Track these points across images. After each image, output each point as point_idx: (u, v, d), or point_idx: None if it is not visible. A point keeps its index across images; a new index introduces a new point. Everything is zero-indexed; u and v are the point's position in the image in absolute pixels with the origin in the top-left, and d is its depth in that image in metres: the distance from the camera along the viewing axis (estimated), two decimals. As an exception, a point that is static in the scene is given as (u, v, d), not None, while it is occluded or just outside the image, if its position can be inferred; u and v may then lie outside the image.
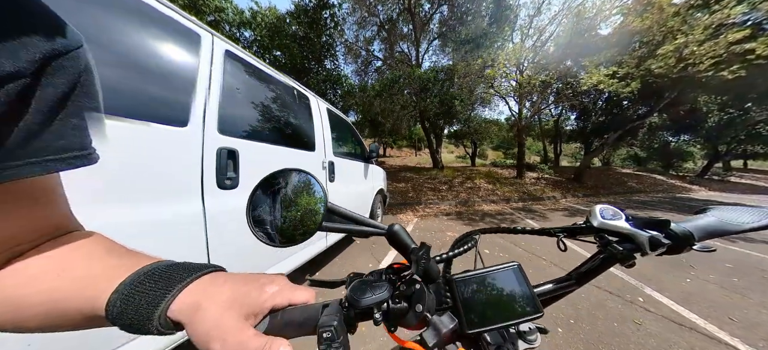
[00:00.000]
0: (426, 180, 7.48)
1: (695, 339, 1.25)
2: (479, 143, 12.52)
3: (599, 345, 1.21)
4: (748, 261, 2.38)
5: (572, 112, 11.74)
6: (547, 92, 7.26)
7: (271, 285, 0.23)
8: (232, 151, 0.99)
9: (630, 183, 9.95)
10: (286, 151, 1.37)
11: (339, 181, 1.93)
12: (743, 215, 0.28)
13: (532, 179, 8.62)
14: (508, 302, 0.28)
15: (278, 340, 0.18)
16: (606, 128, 9.91)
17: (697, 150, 15.58)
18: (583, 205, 6.04)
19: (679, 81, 5.73)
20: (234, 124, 1.05)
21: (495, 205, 5.79)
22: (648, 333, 1.30)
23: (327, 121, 1.90)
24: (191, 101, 0.87)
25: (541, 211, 5.12)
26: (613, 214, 0.31)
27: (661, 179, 11.68)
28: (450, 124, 9.83)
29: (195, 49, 0.93)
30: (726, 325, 1.36)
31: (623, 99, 8.23)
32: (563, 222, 4.06)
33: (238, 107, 1.10)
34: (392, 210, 4.91)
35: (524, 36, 6.94)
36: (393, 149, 20.45)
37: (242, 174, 1.03)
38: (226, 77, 1.03)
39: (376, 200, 3.05)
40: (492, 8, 7.44)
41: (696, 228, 0.27)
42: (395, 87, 7.35)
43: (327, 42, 8.37)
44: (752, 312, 1.50)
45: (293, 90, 1.55)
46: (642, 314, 1.49)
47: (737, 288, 1.82)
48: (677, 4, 5.20)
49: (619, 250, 0.29)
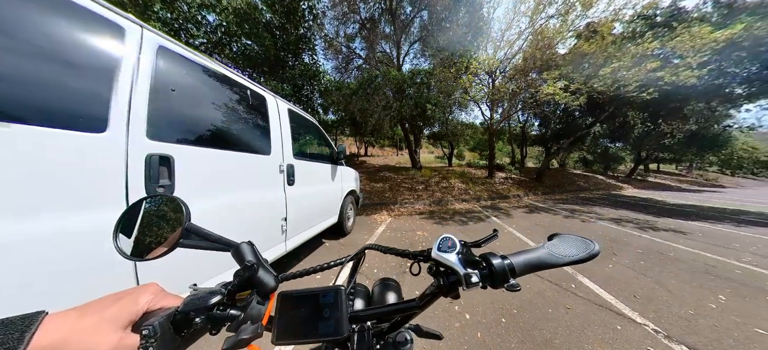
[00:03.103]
0: (404, 180, 7.67)
1: (608, 316, 1.54)
2: (456, 145, 13.25)
3: (534, 330, 1.36)
4: (652, 247, 2.97)
5: (536, 119, 13.12)
6: (516, 100, 8.00)
7: (144, 294, 0.25)
8: (165, 158, 0.92)
9: (579, 183, 11.58)
10: (233, 156, 1.29)
11: (300, 185, 1.88)
12: (571, 247, 0.29)
13: (501, 179, 9.42)
14: (323, 320, 0.30)
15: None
16: (562, 134, 11.35)
17: (627, 155, 18.76)
18: (541, 202, 6.82)
19: (614, 98, 6.91)
20: (169, 127, 0.97)
21: (467, 204, 6.20)
22: (575, 315, 1.54)
23: (287, 123, 1.83)
24: (110, 104, 0.77)
25: (505, 209, 5.64)
26: (449, 246, 0.31)
27: (602, 179, 13.90)
28: (427, 126, 10.14)
29: (117, 44, 0.82)
30: (631, 302, 1.70)
31: (575, 110, 9.48)
32: (523, 219, 4.60)
33: (174, 109, 1.01)
34: (367, 211, 4.90)
35: (497, 48, 7.53)
36: (375, 148, 20.49)
37: (179, 181, 0.97)
38: (159, 76, 0.94)
39: (347, 202, 3.02)
40: (467, 19, 7.88)
41: (520, 263, 0.28)
42: (371, 86, 7.33)
43: (305, 35, 7.93)
44: (649, 289, 1.90)
45: (246, 90, 1.47)
46: (572, 299, 1.73)
47: (642, 270, 2.27)
48: (615, 34, 6.20)
49: (442, 284, 0.30)
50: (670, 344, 1.28)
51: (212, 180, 1.17)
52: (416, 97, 7.65)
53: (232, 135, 1.32)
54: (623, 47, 6.03)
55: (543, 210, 5.64)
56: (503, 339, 1.29)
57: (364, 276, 1.96)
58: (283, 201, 1.67)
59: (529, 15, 6.74)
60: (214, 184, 1.18)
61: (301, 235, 1.93)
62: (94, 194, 0.75)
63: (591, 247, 0.28)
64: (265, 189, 1.52)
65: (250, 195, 1.39)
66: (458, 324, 1.40)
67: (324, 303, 0.31)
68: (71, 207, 0.70)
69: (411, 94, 7.68)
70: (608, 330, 1.38)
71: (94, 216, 0.74)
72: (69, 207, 0.70)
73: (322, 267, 0.44)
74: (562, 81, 6.21)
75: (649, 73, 5.63)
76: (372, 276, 1.95)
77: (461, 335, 1.31)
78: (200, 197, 1.09)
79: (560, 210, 5.59)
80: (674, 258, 2.64)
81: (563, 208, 5.91)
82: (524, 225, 4.04)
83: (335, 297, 0.31)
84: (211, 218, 1.14)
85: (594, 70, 6.25)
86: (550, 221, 4.45)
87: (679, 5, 8.77)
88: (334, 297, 0.31)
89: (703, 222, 4.64)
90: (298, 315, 0.31)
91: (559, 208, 5.91)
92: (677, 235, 3.59)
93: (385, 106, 7.49)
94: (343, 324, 0.30)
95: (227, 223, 1.23)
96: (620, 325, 1.45)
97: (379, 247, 0.49)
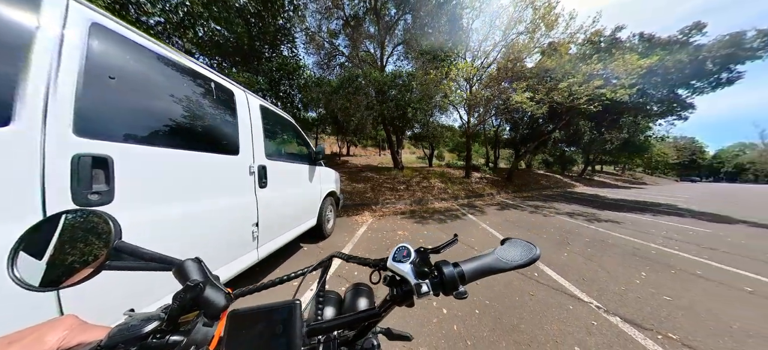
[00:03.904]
0: (386, 180, 7.79)
1: (563, 298, 1.80)
2: (436, 146, 13.88)
3: (503, 318, 1.50)
4: (596, 236, 3.54)
5: (508, 125, 14.44)
6: (490, 106, 8.71)
7: (55, 330, 0.22)
8: (101, 159, 0.78)
9: (542, 182, 13.12)
10: (192, 157, 1.15)
11: (274, 187, 1.78)
12: (517, 252, 0.30)
13: (476, 178, 10.15)
14: (275, 338, 0.27)
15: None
16: (529, 139, 12.76)
17: (579, 157, 21.83)
18: (511, 200, 7.54)
19: (570, 109, 8.00)
20: (108, 123, 0.83)
21: (445, 202, 6.55)
22: (537, 301, 1.72)
23: (259, 120, 1.70)
24: (15, 89, 0.63)
25: (480, 206, 6.13)
26: (405, 255, 0.32)
27: (560, 178, 16.00)
28: (408, 128, 10.39)
29: (27, 15, 0.66)
30: (580, 284, 2.02)
31: (539, 118, 10.68)
32: (495, 215, 5.05)
33: (116, 102, 0.86)
34: (348, 212, 4.88)
35: (474, 56, 8.11)
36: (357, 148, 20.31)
37: (122, 187, 0.84)
38: (93, 59, 0.78)
39: (326, 203, 2.93)
40: (448, 27, 8.33)
41: (470, 270, 0.29)
42: (352, 85, 7.27)
43: (284, 26, 7.45)
44: (594, 272, 2.27)
45: (210, 82, 1.32)
46: (535, 286, 1.94)
47: (589, 256, 2.69)
48: (571, 54, 7.20)
49: (395, 293, 0.30)
50: (608, 317, 1.57)
51: (166, 185, 1.02)
52: (397, 98, 7.78)
53: (192, 133, 1.17)
54: (576, 66, 7.01)
55: (512, 207, 6.26)
56: (477, 329, 1.40)
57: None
58: (254, 206, 1.56)
59: (503, 29, 7.43)
60: (169, 189, 1.03)
61: (275, 241, 1.84)
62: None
63: (533, 252, 0.30)
64: (232, 193, 1.40)
65: (215, 200, 1.27)
66: (436, 319, 1.47)
67: (278, 320, 0.28)
68: None
69: (392, 95, 7.78)
70: (563, 311, 1.60)
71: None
72: None
73: (281, 280, 0.42)
74: (529, 91, 6.97)
75: (595, 89, 6.67)
76: (353, 280, 1.98)
77: (439, 330, 1.38)
78: (151, 205, 0.95)
79: (526, 207, 6.26)
80: (612, 244, 3.19)
81: (529, 205, 6.64)
82: (496, 222, 4.45)
83: (290, 312, 0.29)
84: (166, 229, 1.00)
85: (554, 83, 7.16)
86: (518, 217, 4.97)
87: (617, 36, 10.92)
88: (289, 312, 0.29)
89: (631, 213, 5.66)
90: (250, 335, 0.27)
91: (526, 205, 6.61)
92: (614, 225, 4.32)
93: (367, 106, 7.48)
94: (296, 341, 0.27)
95: (187, 234, 1.10)
96: (572, 305, 1.68)
97: (342, 255, 0.48)
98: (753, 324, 1.52)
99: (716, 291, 1.96)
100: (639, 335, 1.39)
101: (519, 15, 7.02)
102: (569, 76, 6.90)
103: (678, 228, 4.19)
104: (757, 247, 3.16)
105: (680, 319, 1.55)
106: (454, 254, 3.30)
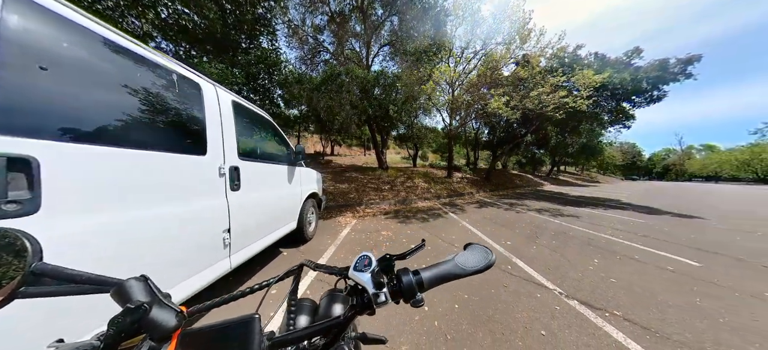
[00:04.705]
0: (370, 180, 7.81)
1: (533, 288, 2.01)
2: (420, 147, 14.28)
3: (480, 310, 1.60)
4: (560, 230, 3.97)
5: (486, 128, 15.42)
6: (470, 110, 9.23)
7: None
8: (21, 160, 0.67)
9: (516, 181, 14.33)
10: (148, 157, 1.03)
11: (248, 189, 1.67)
12: (475, 258, 0.30)
13: (458, 178, 10.68)
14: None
15: None
16: (505, 141, 13.82)
17: (547, 159, 24.20)
18: (488, 198, 8.09)
19: (539, 115, 8.83)
20: (33, 118, 0.71)
21: (429, 202, 6.79)
22: (510, 292, 1.86)
23: (230, 118, 1.57)
24: None
25: (461, 205, 6.47)
26: (366, 264, 0.31)
27: (531, 178, 17.62)
28: (392, 128, 10.50)
29: None
30: (546, 274, 2.26)
31: (514, 122, 11.60)
32: (474, 213, 5.38)
33: (46, 93, 0.74)
34: (332, 213, 4.82)
35: (457, 62, 8.52)
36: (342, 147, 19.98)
37: (54, 194, 0.73)
38: (13, 40, 0.67)
39: (307, 205, 2.84)
40: (432, 33, 8.63)
41: (428, 277, 0.29)
42: (335, 83, 7.12)
43: (264, 16, 6.97)
44: (557, 262, 2.56)
45: (172, 74, 1.19)
46: (508, 278, 2.10)
47: (554, 248, 3.02)
48: (541, 67, 7.97)
49: (355, 303, 0.30)
50: (568, 301, 1.78)
51: (113, 189, 0.90)
52: (381, 98, 7.82)
53: (148, 130, 1.05)
54: (545, 77, 7.77)
55: (490, 205, 6.72)
56: (456, 323, 1.47)
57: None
58: (225, 210, 1.44)
59: (483, 39, 7.94)
60: (117, 195, 0.91)
61: (251, 247, 1.72)
62: None
63: (489, 258, 0.30)
64: (198, 197, 1.27)
65: (175, 205, 1.14)
66: (418, 317, 1.52)
67: (234, 337, 0.27)
68: None
69: (376, 94, 7.79)
70: (532, 300, 1.76)
71: None
72: None
73: (243, 293, 0.38)
74: (505, 97, 7.56)
75: (560, 99, 7.48)
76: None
77: (421, 326, 1.43)
78: (92, 214, 0.83)
79: (502, 204, 6.77)
80: (572, 236, 3.61)
81: (505, 202, 7.18)
82: (475, 219, 4.76)
83: (247, 327, 0.27)
84: (113, 242, 0.89)
85: (526, 91, 7.85)
86: (495, 214, 5.35)
87: (578, 53, 12.66)
88: (246, 328, 0.27)
89: (588, 208, 6.46)
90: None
91: (502, 203, 7.15)
92: (574, 219, 4.89)
93: (353, 105, 7.40)
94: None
95: (139, 246, 0.98)
96: (539, 293, 1.84)
97: (310, 263, 0.47)
98: (673, 296, 1.87)
99: (649, 272, 2.35)
100: (592, 315, 1.61)
101: (497, 26, 7.57)
102: (539, 85, 7.62)
103: (622, 220, 4.89)
104: (677, 234, 3.84)
105: (622, 298, 1.84)
106: (437, 252, 3.35)
